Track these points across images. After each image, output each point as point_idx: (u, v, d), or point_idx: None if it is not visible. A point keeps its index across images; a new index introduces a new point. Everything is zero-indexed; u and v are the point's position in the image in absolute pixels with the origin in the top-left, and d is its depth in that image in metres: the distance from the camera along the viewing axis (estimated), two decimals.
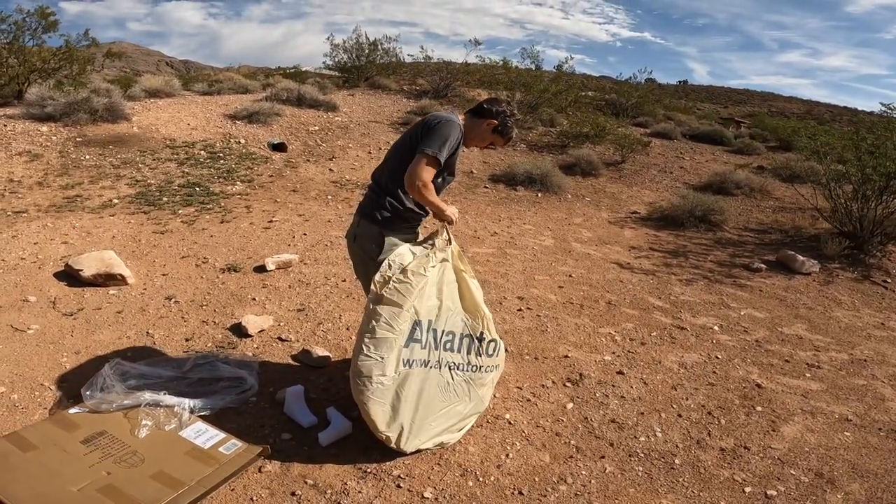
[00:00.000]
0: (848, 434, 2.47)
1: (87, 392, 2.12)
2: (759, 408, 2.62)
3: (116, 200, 5.06)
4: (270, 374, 2.54)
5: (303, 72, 15.34)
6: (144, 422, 1.99)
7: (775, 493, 2.03)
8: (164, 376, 2.34)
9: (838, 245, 5.22)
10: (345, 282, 3.67)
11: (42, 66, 9.07)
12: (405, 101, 11.16)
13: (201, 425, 2.04)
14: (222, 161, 6.59)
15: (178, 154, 6.59)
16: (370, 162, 7.32)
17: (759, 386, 2.82)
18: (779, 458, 2.24)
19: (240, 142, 7.38)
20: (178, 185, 5.64)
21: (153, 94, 9.71)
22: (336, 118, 9.16)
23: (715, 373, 2.93)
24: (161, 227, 4.47)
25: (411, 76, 14.26)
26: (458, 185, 6.85)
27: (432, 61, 13.84)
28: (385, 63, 14.04)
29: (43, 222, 4.37)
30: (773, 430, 2.44)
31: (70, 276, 3.38)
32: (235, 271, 3.70)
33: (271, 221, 4.87)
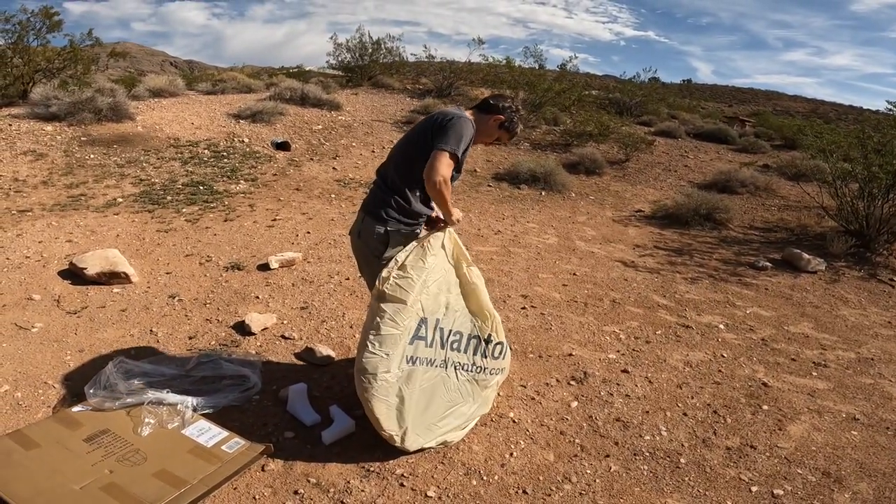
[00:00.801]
0: (855, 433, 2.44)
1: (91, 390, 2.12)
2: (765, 406, 2.59)
3: (120, 199, 5.08)
4: (274, 372, 2.54)
5: (306, 71, 15.35)
6: (147, 420, 1.99)
7: (782, 493, 2.01)
8: (167, 374, 2.34)
9: (844, 243, 5.18)
10: (348, 280, 3.66)
11: (46, 66, 9.11)
12: (408, 101, 11.15)
13: (204, 423, 2.04)
14: (226, 160, 6.60)
15: (181, 153, 6.60)
16: (374, 161, 7.31)
17: (765, 385, 2.80)
18: (785, 458, 2.22)
19: (243, 141, 7.38)
20: (182, 184, 5.65)
21: (157, 93, 9.73)
22: (339, 117, 9.16)
23: (720, 371, 2.91)
24: (165, 226, 4.48)
25: (414, 75, 14.25)
26: (461, 184, 6.84)
27: (435, 60, 13.82)
28: (388, 62, 14.04)
29: (47, 221, 4.38)
30: (780, 429, 2.42)
31: (74, 275, 3.38)
32: (239, 269, 3.70)
33: (275, 220, 4.87)
